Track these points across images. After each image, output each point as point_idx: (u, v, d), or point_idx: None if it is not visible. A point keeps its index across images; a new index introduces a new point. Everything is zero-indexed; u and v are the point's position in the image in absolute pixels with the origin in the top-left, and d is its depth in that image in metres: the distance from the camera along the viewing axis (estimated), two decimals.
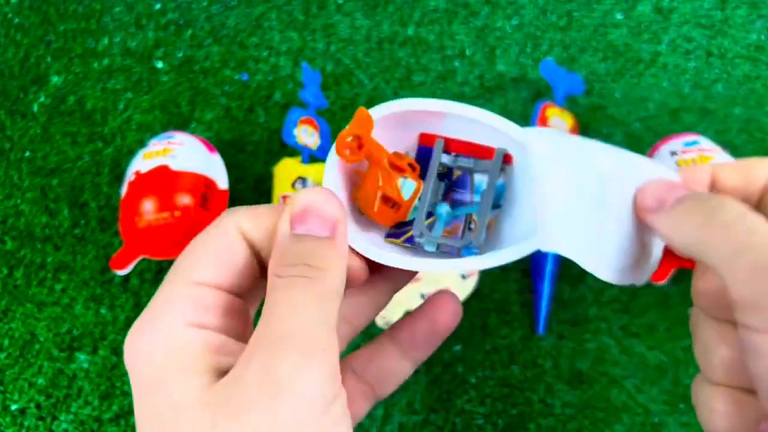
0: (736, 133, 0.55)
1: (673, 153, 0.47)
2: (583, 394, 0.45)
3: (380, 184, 0.27)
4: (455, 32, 0.62)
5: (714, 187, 0.24)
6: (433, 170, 0.28)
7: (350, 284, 0.23)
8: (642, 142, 0.55)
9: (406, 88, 0.59)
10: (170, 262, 0.52)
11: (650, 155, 0.49)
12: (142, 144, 0.58)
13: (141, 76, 0.62)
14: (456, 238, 0.28)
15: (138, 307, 0.51)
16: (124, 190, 0.50)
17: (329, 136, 0.55)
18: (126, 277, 0.52)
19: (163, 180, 0.48)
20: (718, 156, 0.46)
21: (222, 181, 0.52)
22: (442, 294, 0.27)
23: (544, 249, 0.25)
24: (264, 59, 0.62)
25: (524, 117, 0.57)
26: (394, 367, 0.26)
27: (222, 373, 0.19)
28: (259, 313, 0.21)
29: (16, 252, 0.54)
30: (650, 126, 0.56)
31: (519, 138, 0.27)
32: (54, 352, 0.50)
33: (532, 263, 0.49)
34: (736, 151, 0.53)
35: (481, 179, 0.29)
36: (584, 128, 0.56)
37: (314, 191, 0.22)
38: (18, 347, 0.50)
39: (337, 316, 0.20)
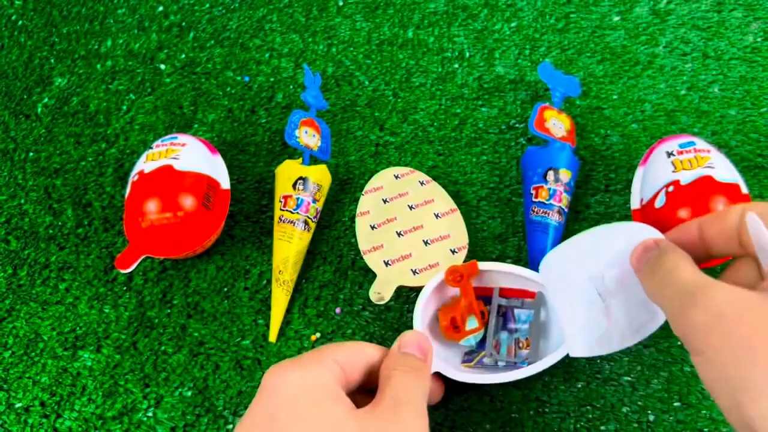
0: (732, 134, 0.55)
1: (670, 154, 0.48)
2: (580, 392, 0.46)
3: (460, 310, 0.44)
4: (454, 35, 0.63)
5: (702, 238, 0.32)
6: (494, 309, 0.46)
7: (431, 401, 0.40)
8: (638, 144, 0.55)
9: (405, 89, 0.60)
10: (173, 262, 0.53)
11: (647, 156, 0.50)
12: (145, 145, 0.59)
13: (144, 77, 0.63)
14: (514, 355, 0.45)
15: (141, 306, 0.52)
16: (128, 190, 0.51)
17: (330, 138, 0.55)
18: (129, 277, 0.53)
19: (166, 180, 0.49)
20: (714, 157, 0.47)
21: (224, 182, 0.52)
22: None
23: (573, 355, 0.41)
24: (265, 61, 0.63)
25: (522, 119, 0.58)
26: None
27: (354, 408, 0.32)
28: None
29: (20, 251, 0.55)
30: (647, 127, 0.56)
31: (539, 280, 0.44)
32: (58, 351, 0.51)
33: (530, 260, 0.49)
34: (732, 152, 0.54)
35: (519, 312, 0.46)
36: (581, 130, 0.57)
37: (416, 333, 0.39)
38: (22, 346, 0.51)
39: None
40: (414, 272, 0.47)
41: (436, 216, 0.50)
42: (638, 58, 0.60)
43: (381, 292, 0.46)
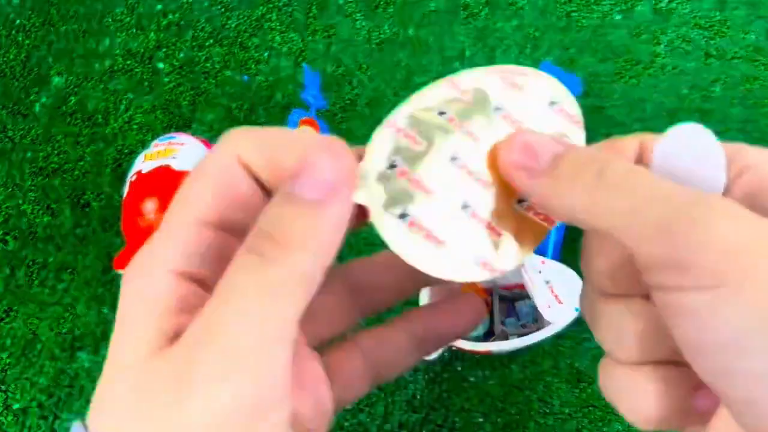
0: (735, 133, 0.55)
1: None
2: (582, 392, 0.45)
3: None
4: (455, 33, 0.63)
5: (642, 160, 0.20)
6: (496, 299, 0.49)
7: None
8: None
9: (406, 89, 0.60)
10: None
11: None
12: (143, 144, 0.58)
13: (142, 76, 0.62)
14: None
15: None
16: (126, 190, 0.50)
17: None
18: None
19: (164, 180, 0.48)
20: None
21: None
22: (469, 297, 0.26)
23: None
24: (265, 60, 0.63)
25: None
26: (404, 355, 0.25)
27: (177, 336, 0.17)
28: None
29: (18, 252, 0.55)
30: (649, 126, 0.56)
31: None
32: (56, 352, 0.50)
33: None
34: None
35: (521, 306, 0.49)
36: None
37: (322, 141, 0.18)
38: (20, 347, 0.51)
39: (299, 314, 0.16)
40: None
41: None
42: (640, 57, 0.60)
43: None
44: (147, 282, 0.18)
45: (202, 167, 0.19)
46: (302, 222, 0.16)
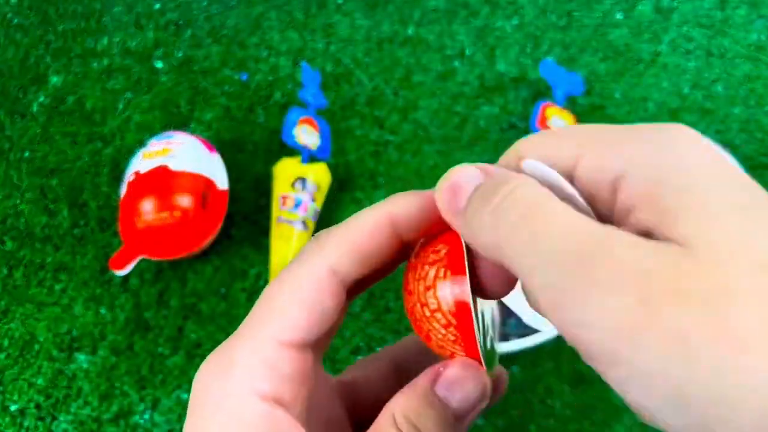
0: (736, 132, 0.55)
1: None
2: (584, 394, 0.45)
3: None
4: (455, 32, 0.62)
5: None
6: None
7: None
8: None
9: (405, 88, 0.59)
10: (170, 263, 0.52)
11: None
12: (141, 144, 0.58)
13: (140, 76, 0.62)
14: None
15: (137, 308, 0.51)
16: (123, 190, 0.50)
17: (329, 136, 0.55)
18: (126, 278, 0.52)
19: (162, 180, 0.48)
20: None
21: (221, 181, 0.51)
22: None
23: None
24: (264, 59, 0.62)
25: (524, 117, 0.57)
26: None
27: None
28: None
29: (15, 252, 0.54)
30: None
31: None
32: (53, 353, 0.50)
33: None
34: (737, 150, 0.53)
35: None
36: None
37: (468, 365, 0.19)
38: (18, 347, 0.50)
39: None
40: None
41: None
42: (641, 56, 0.59)
43: None
44: (234, 407, 0.18)
45: (290, 279, 0.19)
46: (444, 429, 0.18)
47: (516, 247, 0.16)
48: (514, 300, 0.44)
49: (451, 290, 0.18)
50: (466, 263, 0.18)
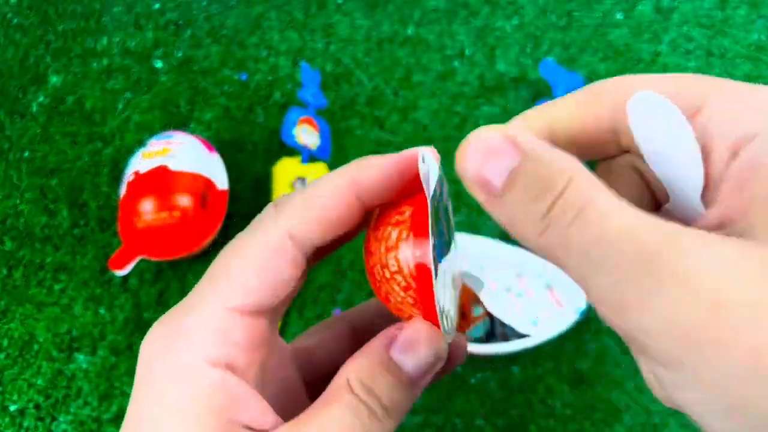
0: None
1: None
2: (584, 394, 0.45)
3: (465, 295, 0.38)
4: (455, 32, 0.62)
5: (557, 136, 0.18)
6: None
7: None
8: None
9: (405, 87, 0.59)
10: (170, 263, 0.52)
11: None
12: (141, 144, 0.58)
13: (140, 75, 0.62)
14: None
15: (137, 308, 0.51)
16: (123, 190, 0.50)
17: (329, 136, 0.55)
18: (125, 278, 0.52)
19: (161, 180, 0.48)
20: None
21: (221, 181, 0.51)
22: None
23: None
24: (263, 59, 0.62)
25: None
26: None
27: None
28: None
29: (15, 252, 0.54)
30: None
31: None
32: (53, 353, 0.50)
33: None
34: None
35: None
36: None
37: (423, 324, 0.18)
38: (17, 347, 0.50)
39: None
40: None
41: None
42: (641, 56, 0.59)
43: None
44: (184, 381, 0.17)
45: (247, 244, 0.18)
46: (402, 395, 0.18)
47: (569, 253, 0.14)
48: (505, 311, 0.44)
49: (412, 253, 0.17)
50: (430, 227, 0.17)
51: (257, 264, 0.18)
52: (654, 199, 0.18)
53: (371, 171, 0.19)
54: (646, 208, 0.15)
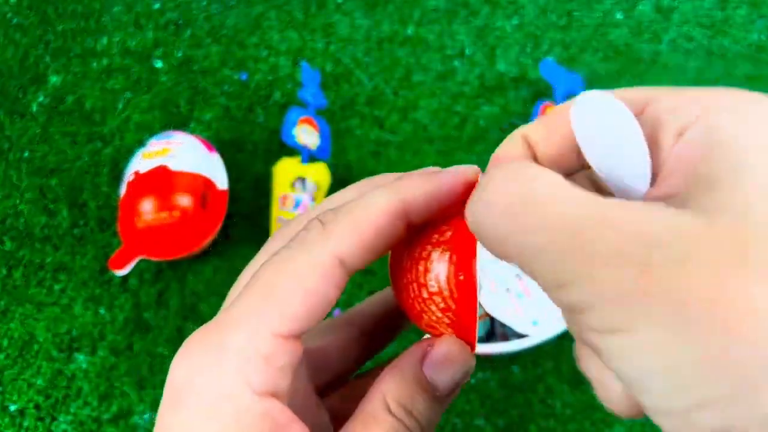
0: None
1: None
2: (583, 394, 0.45)
3: None
4: (455, 32, 0.62)
5: (532, 153, 0.19)
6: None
7: None
8: None
9: (405, 87, 0.59)
10: (170, 263, 0.52)
11: None
12: (141, 144, 0.58)
13: (140, 75, 0.62)
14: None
15: (137, 308, 0.51)
16: (123, 190, 0.50)
17: (329, 136, 0.55)
18: (125, 278, 0.52)
19: (161, 180, 0.48)
20: None
21: (221, 181, 0.51)
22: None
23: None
24: (263, 59, 0.62)
25: (524, 117, 0.57)
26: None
27: None
28: None
29: (15, 252, 0.54)
30: None
31: None
32: (53, 353, 0.50)
33: None
34: None
35: None
36: None
37: (456, 346, 0.19)
38: (17, 348, 0.50)
39: None
40: None
41: None
42: (642, 55, 0.59)
43: None
44: (229, 402, 0.16)
45: (293, 268, 0.17)
46: (436, 413, 0.18)
47: (514, 239, 0.15)
48: (505, 312, 0.44)
49: (455, 274, 0.17)
50: (477, 249, 0.17)
51: (306, 288, 0.17)
52: None
53: (421, 190, 0.18)
54: None
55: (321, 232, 0.18)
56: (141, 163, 0.50)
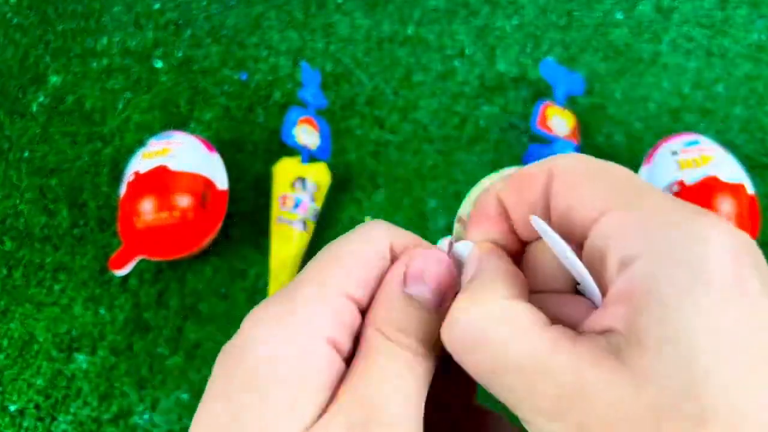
0: (737, 132, 0.54)
1: (674, 153, 0.47)
2: None
3: None
4: (455, 32, 0.62)
5: (504, 214, 0.20)
6: None
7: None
8: (642, 142, 0.55)
9: (405, 87, 0.59)
10: (169, 263, 0.52)
11: (651, 155, 0.49)
12: (141, 143, 0.58)
13: (140, 75, 0.62)
14: None
15: (137, 308, 0.51)
16: (123, 190, 0.50)
17: (329, 136, 0.55)
18: (125, 278, 0.52)
19: (161, 180, 0.48)
20: (718, 155, 0.46)
21: (221, 181, 0.51)
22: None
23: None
24: (263, 59, 0.62)
25: (524, 117, 0.57)
26: None
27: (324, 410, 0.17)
28: None
29: (15, 252, 0.54)
30: (651, 126, 0.56)
31: None
32: (53, 353, 0.50)
33: None
34: (737, 150, 0.53)
35: None
36: (585, 128, 0.56)
37: (433, 255, 0.20)
38: (17, 348, 0.50)
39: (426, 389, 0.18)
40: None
41: None
42: (642, 55, 0.59)
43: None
44: (303, 351, 0.17)
45: (353, 246, 0.20)
46: (434, 325, 0.19)
47: (471, 369, 0.17)
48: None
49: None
50: None
51: (367, 260, 0.19)
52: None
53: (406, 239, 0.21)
54: (567, 276, 0.19)
55: (378, 225, 0.20)
56: (141, 163, 0.50)
